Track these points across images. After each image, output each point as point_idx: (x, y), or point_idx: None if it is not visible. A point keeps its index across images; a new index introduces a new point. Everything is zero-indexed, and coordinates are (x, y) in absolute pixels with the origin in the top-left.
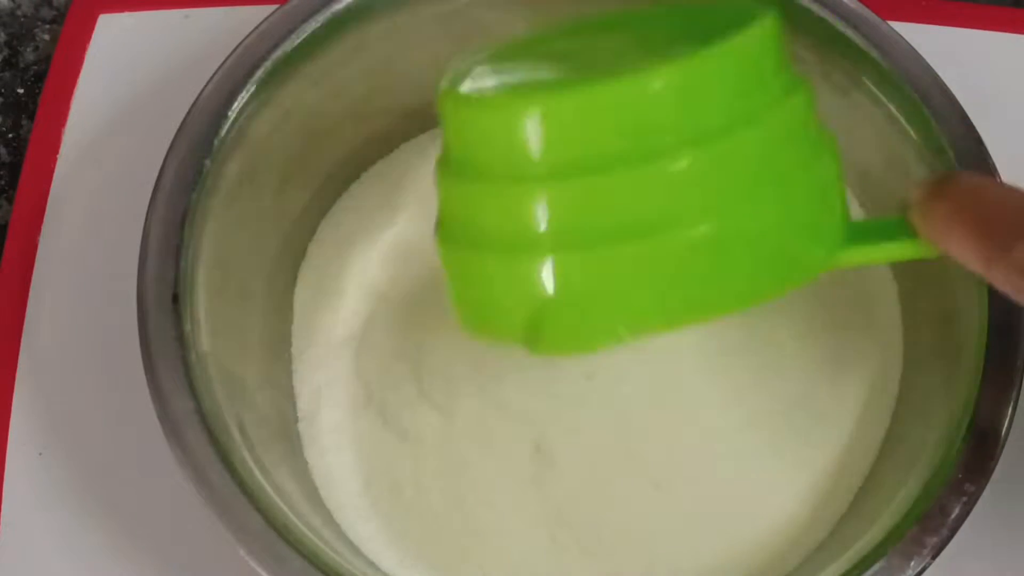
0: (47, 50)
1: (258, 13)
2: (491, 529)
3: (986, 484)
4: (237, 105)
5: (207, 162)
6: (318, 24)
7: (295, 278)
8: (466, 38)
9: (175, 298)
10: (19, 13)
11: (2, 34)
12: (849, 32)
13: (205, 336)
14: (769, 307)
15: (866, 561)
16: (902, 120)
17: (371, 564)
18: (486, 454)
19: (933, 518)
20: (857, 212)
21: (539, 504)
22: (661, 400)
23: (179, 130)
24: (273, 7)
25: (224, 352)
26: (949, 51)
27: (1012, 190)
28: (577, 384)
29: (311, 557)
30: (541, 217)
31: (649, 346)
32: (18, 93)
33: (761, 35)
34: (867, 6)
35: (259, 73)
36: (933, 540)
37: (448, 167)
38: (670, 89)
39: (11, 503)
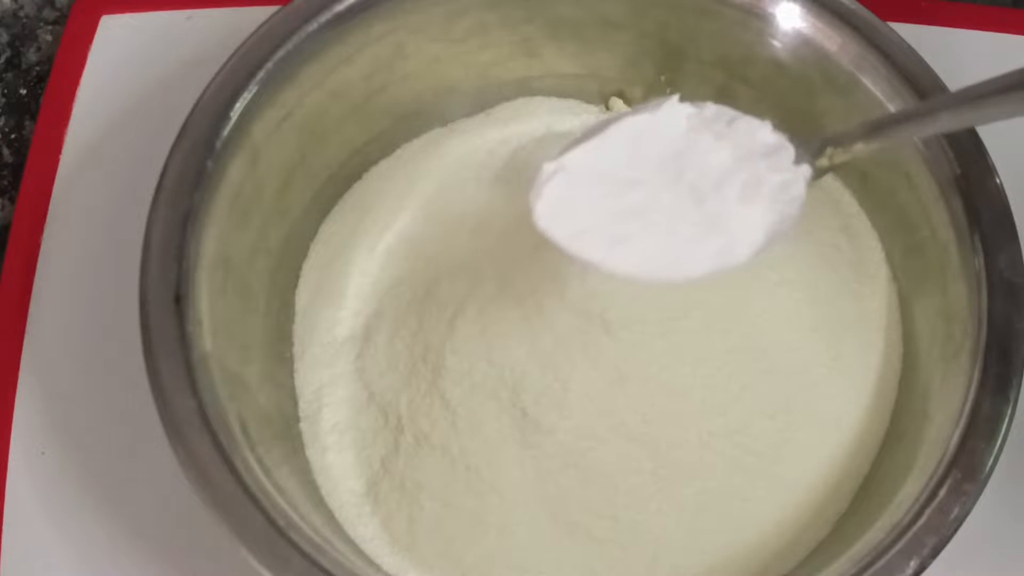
0: (49, 51)
1: (260, 14)
2: (495, 526)
3: (986, 484)
4: (239, 106)
5: (209, 163)
6: (319, 25)
7: (297, 278)
8: (466, 39)
9: (177, 298)
10: (22, 14)
11: (4, 35)
12: (849, 32)
13: (207, 336)
14: (770, 307)
15: (866, 561)
16: None
17: (372, 563)
18: (489, 452)
19: (933, 518)
20: (857, 212)
21: (544, 499)
22: (663, 400)
23: (181, 131)
24: (275, 8)
25: (226, 352)
26: (949, 51)
27: None
28: (586, 386)
29: (312, 556)
30: None
31: (651, 346)
32: (20, 94)
33: None
34: (867, 6)
35: (261, 74)
36: (933, 540)
37: None
38: None
39: (13, 502)
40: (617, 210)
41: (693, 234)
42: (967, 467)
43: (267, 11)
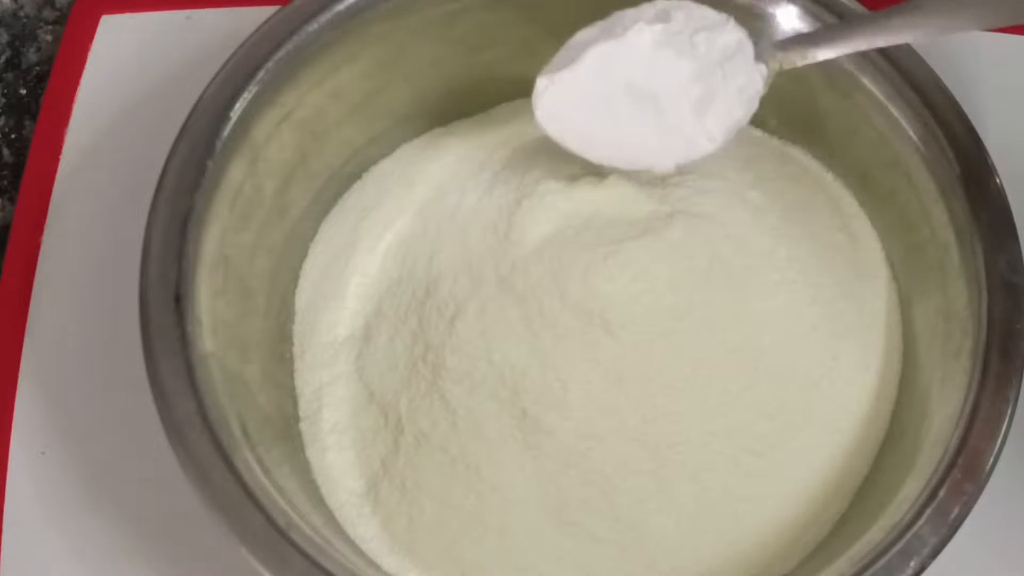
0: (49, 51)
1: (260, 14)
2: (495, 526)
3: (985, 484)
4: (239, 106)
5: (209, 163)
6: (319, 25)
7: (297, 278)
8: (466, 39)
9: (177, 299)
10: (21, 14)
11: (4, 35)
12: None
13: (207, 336)
14: (770, 307)
15: (866, 561)
16: (902, 121)
17: (372, 563)
18: (489, 452)
19: (933, 518)
20: (857, 212)
21: (544, 499)
22: (663, 401)
23: (181, 131)
24: (275, 8)
25: (226, 352)
26: (949, 51)
27: None
28: (586, 386)
29: (312, 556)
30: None
31: (652, 347)
32: (20, 94)
33: None
34: (867, 6)
35: (261, 74)
36: (933, 540)
37: None
38: None
39: (14, 501)
40: (595, 118)
41: (657, 138)
42: (967, 467)
43: (267, 11)
